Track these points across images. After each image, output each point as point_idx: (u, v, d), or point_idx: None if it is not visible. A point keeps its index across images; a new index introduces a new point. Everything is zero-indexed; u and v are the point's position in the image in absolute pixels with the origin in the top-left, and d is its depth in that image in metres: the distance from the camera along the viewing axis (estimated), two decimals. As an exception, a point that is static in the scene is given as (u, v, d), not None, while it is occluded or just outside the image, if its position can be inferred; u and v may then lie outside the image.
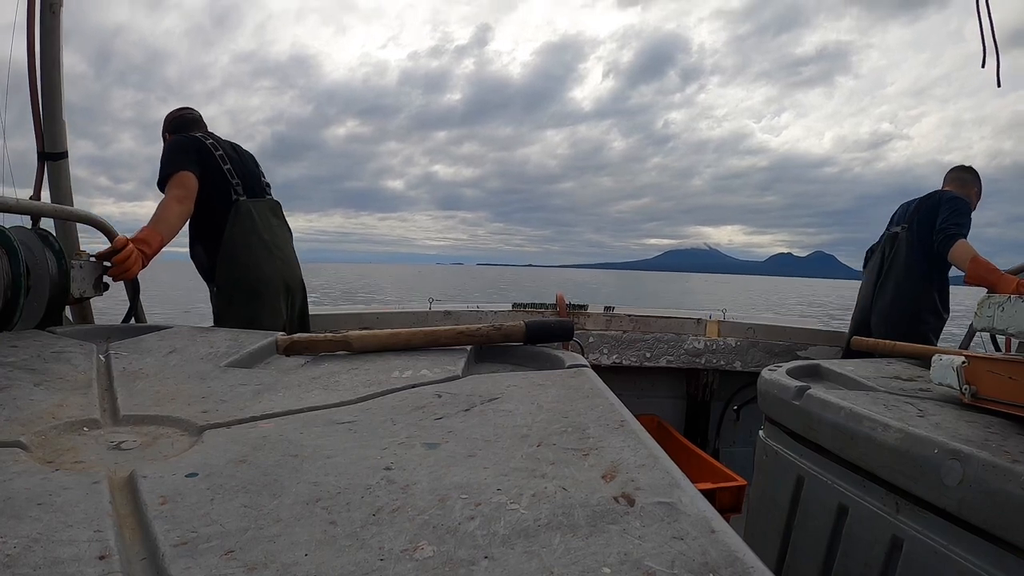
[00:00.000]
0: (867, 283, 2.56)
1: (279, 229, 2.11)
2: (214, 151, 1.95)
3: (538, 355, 1.09)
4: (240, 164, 2.03)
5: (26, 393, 0.79)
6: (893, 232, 2.50)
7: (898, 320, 2.38)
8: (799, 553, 1.21)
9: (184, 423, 0.70)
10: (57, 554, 0.40)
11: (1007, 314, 1.06)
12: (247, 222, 1.97)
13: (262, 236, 2.00)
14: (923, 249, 2.38)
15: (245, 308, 1.96)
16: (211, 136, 2.06)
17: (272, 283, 2.02)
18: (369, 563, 0.40)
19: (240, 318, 1.93)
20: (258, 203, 2.03)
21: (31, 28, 1.60)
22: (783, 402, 1.25)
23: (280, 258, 2.06)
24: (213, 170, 1.93)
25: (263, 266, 2.00)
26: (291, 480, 0.53)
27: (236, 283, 1.97)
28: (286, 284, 2.07)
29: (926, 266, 2.38)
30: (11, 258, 1.23)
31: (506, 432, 0.65)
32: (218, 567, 0.39)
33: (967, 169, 2.59)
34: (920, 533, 0.90)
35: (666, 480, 0.51)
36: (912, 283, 2.39)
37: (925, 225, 2.38)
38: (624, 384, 2.69)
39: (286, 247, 2.11)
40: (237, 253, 1.97)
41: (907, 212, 2.49)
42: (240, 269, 1.97)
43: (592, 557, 0.40)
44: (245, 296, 1.97)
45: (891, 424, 0.97)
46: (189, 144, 1.95)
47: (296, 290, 2.13)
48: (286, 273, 2.07)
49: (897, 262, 2.44)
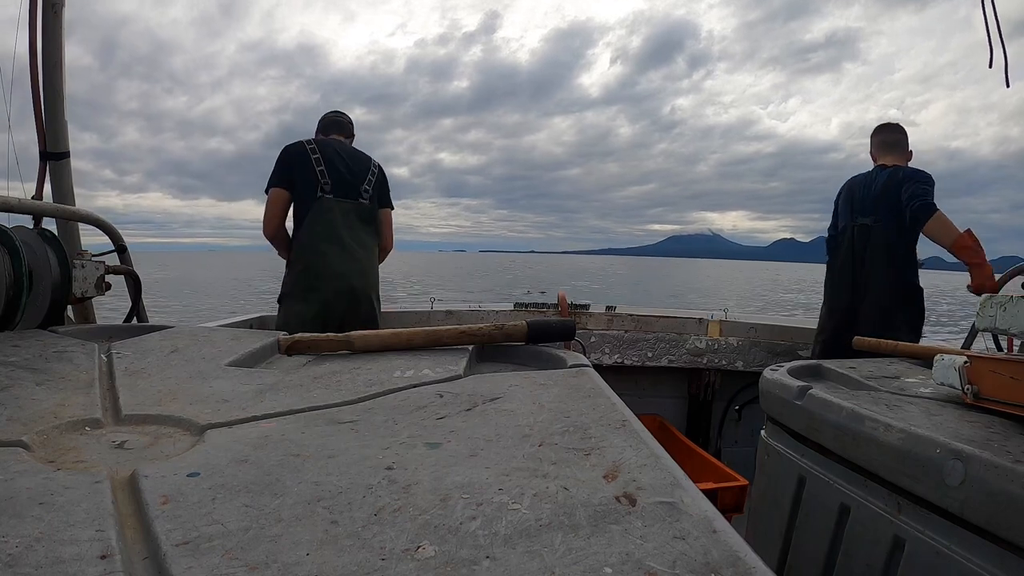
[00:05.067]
0: (841, 282, 2.38)
1: (360, 232, 2.15)
2: (311, 154, 2.11)
3: (540, 355, 1.09)
4: (337, 166, 2.14)
5: (28, 392, 0.80)
6: (862, 224, 2.32)
7: (886, 319, 2.23)
8: (800, 553, 1.21)
9: (186, 423, 0.70)
10: (59, 553, 0.40)
11: (1009, 314, 1.06)
12: (326, 217, 2.10)
13: (337, 233, 2.09)
14: (899, 242, 2.28)
15: (297, 299, 2.08)
16: (323, 139, 2.23)
17: (332, 281, 2.07)
18: (371, 563, 0.40)
19: (291, 308, 2.09)
20: (344, 203, 2.13)
21: (33, 28, 1.61)
22: (785, 402, 1.25)
23: (350, 259, 2.10)
24: (308, 170, 2.11)
25: (329, 263, 2.07)
26: (293, 480, 0.53)
27: (298, 273, 2.10)
28: (351, 286, 2.10)
29: (905, 257, 2.29)
30: (13, 258, 1.23)
31: (508, 432, 0.65)
32: (220, 567, 0.39)
33: (897, 128, 2.44)
34: (922, 533, 0.90)
35: (668, 480, 0.51)
36: (896, 277, 2.29)
37: (896, 216, 2.25)
38: (626, 384, 2.69)
39: (360, 251, 2.14)
40: (306, 244, 2.10)
41: (868, 201, 2.32)
42: (304, 260, 2.10)
43: (594, 557, 0.40)
44: (302, 289, 2.09)
45: (893, 424, 0.97)
46: (286, 157, 2.14)
47: (361, 296, 2.14)
48: (353, 275, 2.10)
49: (876, 258, 2.29)
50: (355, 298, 2.11)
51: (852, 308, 2.33)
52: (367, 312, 2.15)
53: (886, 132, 2.45)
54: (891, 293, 2.27)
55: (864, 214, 2.33)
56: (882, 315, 2.24)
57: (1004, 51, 1.69)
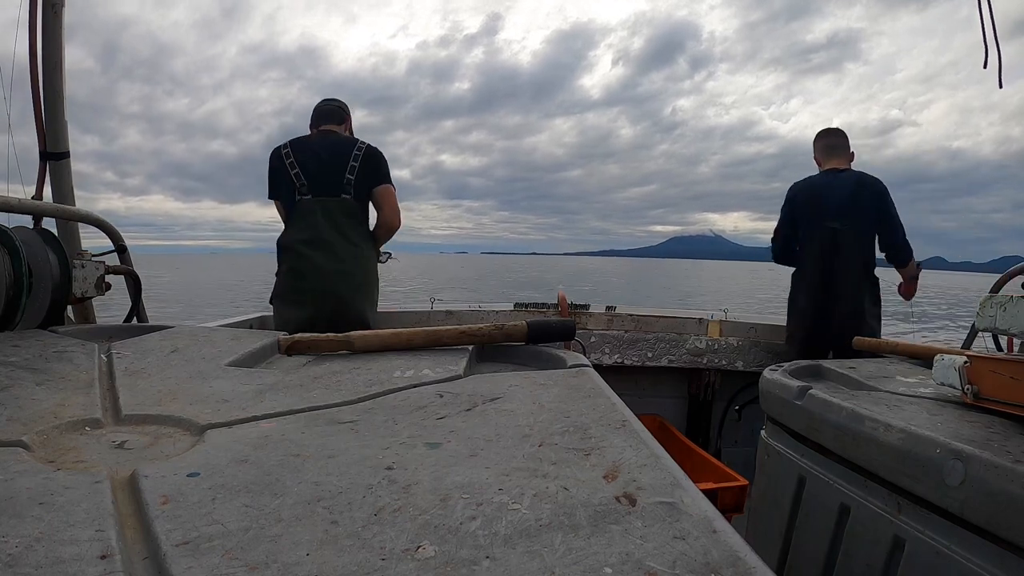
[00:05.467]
0: (814, 284, 2.44)
1: (346, 229, 2.12)
2: (285, 159, 2.13)
3: (540, 355, 1.09)
4: (311, 164, 2.13)
5: (28, 392, 0.80)
6: (831, 228, 2.40)
7: (859, 315, 2.36)
8: (801, 553, 1.21)
9: (186, 423, 0.70)
10: (59, 553, 0.40)
11: (1009, 314, 1.06)
12: (307, 219, 2.10)
13: (319, 233, 2.08)
14: (867, 243, 2.42)
15: (284, 301, 2.12)
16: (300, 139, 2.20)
17: (315, 282, 2.07)
18: (371, 563, 0.40)
19: (279, 309, 2.15)
20: (326, 201, 2.12)
21: (33, 27, 1.61)
22: (785, 402, 1.25)
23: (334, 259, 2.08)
24: (284, 174, 2.14)
25: (311, 265, 2.07)
26: (293, 480, 0.53)
27: (283, 275, 2.13)
28: (335, 286, 2.08)
29: (871, 261, 2.44)
30: (13, 258, 1.23)
31: (508, 432, 0.65)
32: (220, 567, 0.39)
33: (840, 132, 2.55)
34: (922, 533, 0.90)
35: (668, 480, 0.51)
36: (866, 278, 2.43)
37: (868, 218, 2.39)
38: (626, 384, 2.69)
39: (345, 249, 2.11)
40: (287, 246, 2.13)
41: (836, 206, 2.40)
42: (287, 262, 2.12)
43: (594, 557, 0.40)
44: (287, 291, 2.12)
45: (893, 424, 0.96)
46: (270, 166, 2.20)
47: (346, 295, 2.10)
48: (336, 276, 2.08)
49: (850, 258, 2.39)
50: (340, 298, 2.08)
51: (826, 308, 2.42)
52: (356, 312, 2.11)
53: (831, 136, 2.55)
54: (862, 292, 2.42)
55: (833, 218, 2.42)
56: (856, 313, 2.38)
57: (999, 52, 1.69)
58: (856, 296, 2.39)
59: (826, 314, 2.41)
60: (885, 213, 2.41)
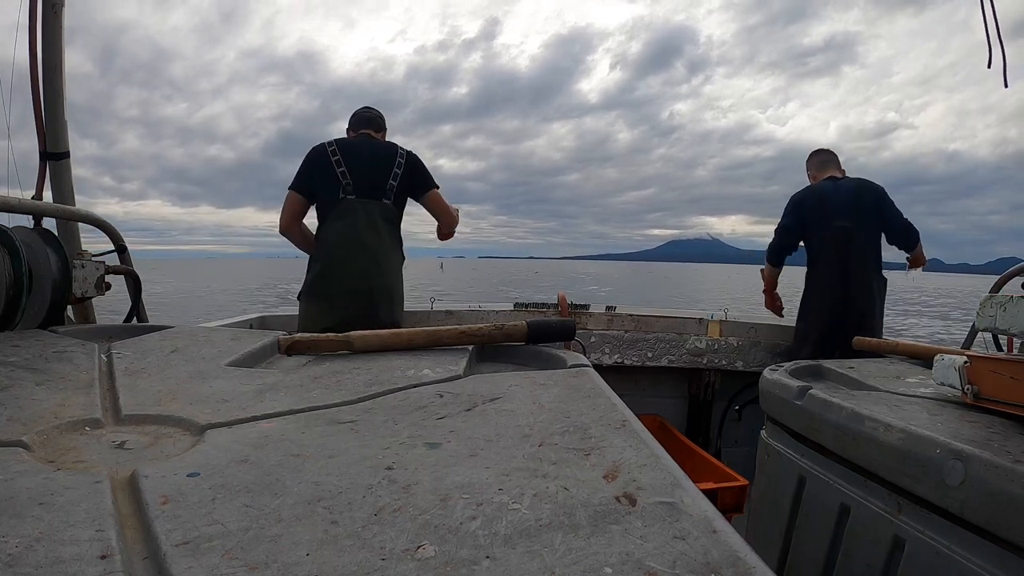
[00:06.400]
0: (833, 281, 2.50)
1: (384, 234, 2.14)
2: (331, 156, 2.13)
3: (540, 355, 1.09)
4: (359, 165, 2.14)
5: (28, 393, 0.80)
6: (841, 227, 2.49)
7: (875, 316, 2.48)
8: (801, 553, 1.21)
9: (186, 423, 0.70)
10: (59, 553, 0.40)
11: (1009, 314, 1.06)
12: (348, 219, 2.11)
13: (358, 235, 2.09)
14: (876, 243, 2.55)
15: (314, 298, 2.11)
16: (347, 139, 2.23)
17: (349, 283, 2.07)
18: (371, 563, 0.40)
19: (307, 306, 2.13)
20: (368, 204, 2.13)
21: (33, 28, 1.61)
22: (785, 402, 1.25)
23: (371, 262, 2.09)
24: (328, 171, 2.12)
25: (347, 265, 2.08)
26: (293, 480, 0.53)
27: (316, 273, 2.12)
28: (370, 288, 2.09)
29: (880, 261, 2.56)
30: (13, 258, 1.23)
31: (508, 432, 0.65)
32: (220, 567, 0.39)
33: (830, 151, 2.77)
34: (922, 533, 0.90)
35: (668, 480, 0.51)
36: (877, 277, 2.53)
37: (872, 218, 2.52)
38: (626, 384, 2.69)
39: (382, 252, 2.13)
40: (326, 244, 2.11)
41: (843, 206, 2.51)
42: (323, 260, 2.11)
43: (594, 557, 0.40)
44: (319, 288, 2.10)
45: (893, 424, 0.96)
46: (307, 160, 2.17)
47: (380, 298, 2.12)
48: (372, 278, 2.09)
49: (864, 255, 2.51)
50: (373, 300, 2.09)
51: (844, 300, 2.49)
52: (386, 314, 2.12)
53: (823, 154, 2.77)
54: (876, 291, 2.52)
55: (841, 217, 2.52)
56: (871, 305, 2.48)
57: (1003, 51, 1.68)
58: (870, 294, 2.48)
59: (843, 313, 2.47)
60: (888, 210, 2.54)
